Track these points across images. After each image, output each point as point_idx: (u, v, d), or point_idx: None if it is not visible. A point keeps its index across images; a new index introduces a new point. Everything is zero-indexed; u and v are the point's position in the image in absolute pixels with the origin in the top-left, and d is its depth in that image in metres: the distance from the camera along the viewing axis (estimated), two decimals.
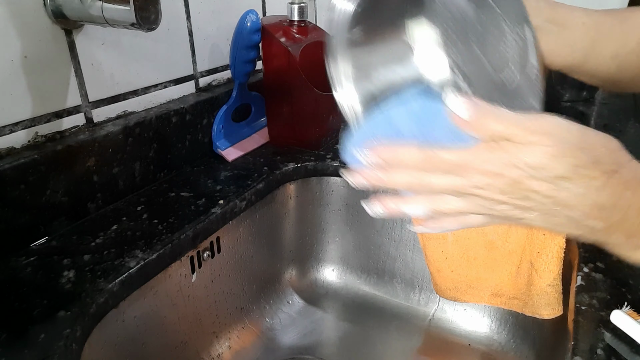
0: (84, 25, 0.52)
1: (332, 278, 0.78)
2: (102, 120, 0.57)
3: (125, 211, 0.56)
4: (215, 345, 0.63)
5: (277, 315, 0.71)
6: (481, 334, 0.68)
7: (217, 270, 0.61)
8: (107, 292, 0.44)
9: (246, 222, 0.65)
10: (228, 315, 0.65)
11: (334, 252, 0.78)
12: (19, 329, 0.39)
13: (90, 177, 0.54)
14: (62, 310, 0.41)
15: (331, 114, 0.74)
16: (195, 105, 0.66)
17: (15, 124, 0.48)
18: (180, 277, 0.55)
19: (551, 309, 0.56)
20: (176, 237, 0.52)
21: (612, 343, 0.39)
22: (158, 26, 0.44)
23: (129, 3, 0.42)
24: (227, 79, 0.75)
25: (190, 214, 0.56)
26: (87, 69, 0.54)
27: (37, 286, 0.44)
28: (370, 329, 0.70)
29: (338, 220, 0.75)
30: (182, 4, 0.64)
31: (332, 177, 0.71)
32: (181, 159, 0.66)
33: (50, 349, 0.37)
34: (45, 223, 0.50)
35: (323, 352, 0.67)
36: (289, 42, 0.67)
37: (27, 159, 0.47)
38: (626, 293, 0.44)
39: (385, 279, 0.75)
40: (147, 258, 0.48)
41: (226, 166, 0.69)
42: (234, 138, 0.73)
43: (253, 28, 0.65)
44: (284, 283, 0.76)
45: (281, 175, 0.68)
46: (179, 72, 0.66)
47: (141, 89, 0.61)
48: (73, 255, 0.48)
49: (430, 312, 0.72)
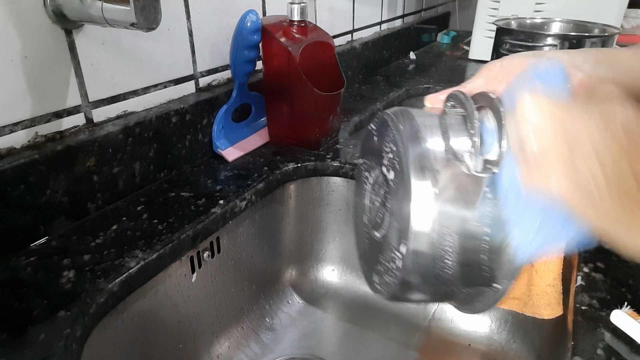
0: (84, 25, 0.52)
1: (332, 278, 0.78)
2: (102, 120, 0.57)
3: (125, 211, 0.56)
4: (215, 345, 0.63)
5: (277, 315, 0.71)
6: (481, 334, 0.68)
7: (217, 270, 0.61)
8: (107, 292, 0.44)
9: (246, 222, 0.65)
10: (228, 315, 0.65)
11: (334, 252, 0.78)
12: (19, 329, 0.39)
13: (90, 177, 0.54)
14: (62, 310, 0.41)
15: (331, 113, 0.74)
16: (195, 105, 0.66)
17: (15, 124, 0.48)
18: (180, 277, 0.55)
19: (551, 309, 0.56)
20: (176, 237, 0.52)
21: (612, 343, 0.39)
22: (158, 26, 0.44)
23: (129, 3, 0.42)
24: (227, 79, 0.75)
25: (190, 214, 0.56)
26: (87, 69, 0.54)
27: (37, 286, 0.44)
28: (370, 329, 0.70)
29: (338, 220, 0.75)
30: (182, 4, 0.64)
31: (332, 177, 0.71)
32: (181, 159, 0.66)
33: (50, 349, 0.37)
34: (45, 223, 0.50)
35: (323, 352, 0.67)
36: (289, 42, 0.67)
37: (27, 159, 0.47)
38: (626, 293, 0.44)
39: None
40: (147, 258, 0.48)
41: (226, 166, 0.69)
42: (234, 138, 0.73)
43: (253, 28, 0.65)
44: (284, 283, 0.76)
45: (281, 175, 0.68)
46: (179, 72, 0.66)
47: (141, 89, 0.61)
48: (73, 255, 0.48)
49: (430, 312, 0.72)
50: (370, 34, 1.20)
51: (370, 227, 0.34)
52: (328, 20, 0.99)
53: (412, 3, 1.45)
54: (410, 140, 0.28)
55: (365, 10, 1.15)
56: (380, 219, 0.32)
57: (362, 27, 1.15)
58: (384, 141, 0.31)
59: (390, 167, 0.30)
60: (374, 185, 0.34)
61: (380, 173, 0.32)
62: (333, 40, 0.75)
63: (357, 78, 1.13)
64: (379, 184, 0.32)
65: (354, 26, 1.11)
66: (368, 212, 0.35)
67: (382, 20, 1.26)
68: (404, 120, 0.30)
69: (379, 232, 0.32)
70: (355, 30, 1.13)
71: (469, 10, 1.69)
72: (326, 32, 0.74)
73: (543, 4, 1.16)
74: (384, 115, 0.31)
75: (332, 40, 0.74)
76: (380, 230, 0.32)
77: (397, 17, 1.36)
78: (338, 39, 1.06)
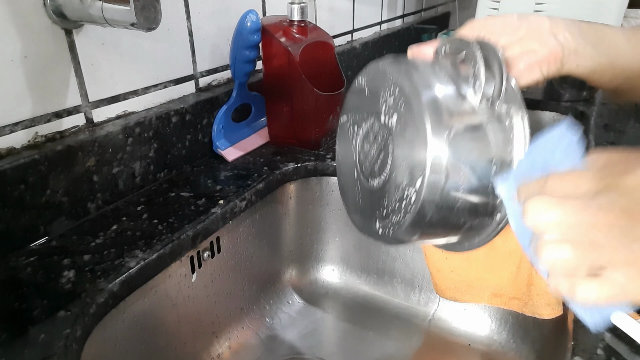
0: (84, 25, 0.52)
1: (332, 278, 0.78)
2: (102, 120, 0.57)
3: (125, 211, 0.56)
4: (215, 345, 0.63)
5: (277, 315, 0.71)
6: (481, 334, 0.68)
7: (217, 270, 0.61)
8: (107, 292, 0.44)
9: (246, 222, 0.65)
10: (228, 315, 0.65)
11: (334, 252, 0.78)
12: (19, 329, 0.39)
13: (90, 177, 0.54)
14: (62, 310, 0.41)
15: (331, 113, 0.74)
16: (195, 105, 0.66)
17: (15, 124, 0.48)
18: (180, 277, 0.55)
19: (551, 309, 0.56)
20: (176, 237, 0.52)
21: (612, 343, 0.39)
22: (158, 26, 0.44)
23: (129, 3, 0.42)
24: (227, 79, 0.75)
25: (190, 214, 0.56)
26: (87, 69, 0.54)
27: (37, 286, 0.44)
28: (370, 329, 0.70)
29: (338, 220, 0.75)
30: (182, 4, 0.64)
31: (332, 177, 0.71)
32: (181, 159, 0.66)
33: (50, 349, 0.37)
34: (45, 223, 0.50)
35: (323, 352, 0.67)
36: (289, 42, 0.67)
37: (27, 159, 0.47)
38: None
39: (385, 278, 0.75)
40: (147, 258, 0.48)
41: (226, 166, 0.69)
42: (234, 138, 0.73)
43: (253, 28, 0.65)
44: (284, 283, 0.76)
45: (281, 175, 0.68)
46: (179, 72, 0.66)
47: (141, 89, 0.61)
48: (73, 255, 0.48)
49: (430, 312, 0.72)
50: (370, 34, 1.20)
51: (366, 178, 0.35)
52: (328, 20, 0.99)
53: (412, 3, 1.45)
54: (421, 83, 0.30)
55: (365, 10, 1.15)
56: (380, 166, 0.33)
57: (362, 27, 1.15)
58: (381, 88, 0.32)
59: (393, 111, 0.31)
60: (366, 136, 0.35)
61: (376, 121, 0.33)
62: (333, 40, 0.75)
63: None
64: (374, 133, 0.34)
65: (354, 26, 1.11)
66: (360, 164, 0.36)
67: (382, 20, 1.26)
68: (404, 63, 0.32)
69: (378, 178, 0.33)
70: (355, 30, 1.12)
71: (469, 10, 1.69)
72: (326, 32, 0.74)
73: (543, 4, 1.16)
74: (379, 64, 0.33)
75: (332, 40, 0.74)
76: (380, 177, 0.33)
77: (397, 17, 1.36)
78: (338, 39, 1.06)
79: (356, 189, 0.37)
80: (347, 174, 0.39)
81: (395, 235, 0.32)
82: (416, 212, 0.29)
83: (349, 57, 1.06)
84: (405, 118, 0.30)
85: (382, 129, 0.32)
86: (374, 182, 0.34)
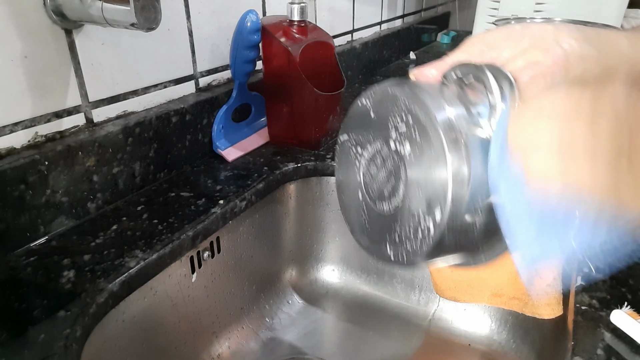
0: (84, 25, 0.52)
1: (332, 278, 0.78)
2: (102, 120, 0.57)
3: (125, 211, 0.56)
4: (215, 345, 0.63)
5: (277, 315, 0.71)
6: (481, 334, 0.68)
7: (217, 270, 0.61)
8: (107, 292, 0.44)
9: (246, 222, 0.65)
10: (228, 315, 0.65)
11: (334, 252, 0.78)
12: (19, 329, 0.39)
13: (90, 177, 0.54)
14: (62, 310, 0.41)
15: (331, 113, 0.74)
16: (195, 105, 0.66)
17: (15, 124, 0.48)
18: (180, 277, 0.55)
19: (551, 309, 0.56)
20: (176, 237, 0.52)
21: (612, 343, 0.39)
22: (158, 26, 0.44)
23: (129, 3, 0.42)
24: (227, 79, 0.75)
25: (190, 214, 0.56)
26: (87, 69, 0.54)
27: (37, 286, 0.44)
28: (370, 329, 0.70)
29: (338, 220, 0.75)
30: (182, 4, 0.64)
31: (332, 177, 0.71)
32: (181, 159, 0.66)
33: (50, 349, 0.37)
34: (45, 223, 0.50)
35: (323, 352, 0.67)
36: (289, 42, 0.67)
37: (27, 159, 0.47)
38: (626, 293, 0.44)
39: (385, 279, 0.75)
40: (147, 258, 0.48)
41: (226, 166, 0.69)
42: (234, 138, 0.73)
43: (253, 28, 0.65)
44: (284, 283, 0.76)
45: (281, 175, 0.68)
46: (179, 72, 0.66)
47: (141, 89, 0.61)
48: (73, 255, 0.48)
49: (430, 312, 0.72)
50: (370, 34, 1.20)
51: (372, 201, 0.35)
52: (328, 20, 0.99)
53: (412, 3, 1.45)
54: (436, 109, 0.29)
55: (365, 10, 1.15)
56: (391, 191, 0.32)
57: (362, 27, 1.16)
58: (390, 113, 0.32)
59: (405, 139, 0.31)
60: (373, 159, 0.34)
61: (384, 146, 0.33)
62: (333, 40, 0.75)
63: (357, 78, 1.13)
64: (382, 157, 0.33)
65: (354, 26, 1.11)
66: (365, 186, 0.35)
67: (382, 20, 1.26)
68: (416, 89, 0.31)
69: (389, 203, 0.33)
70: (355, 30, 1.13)
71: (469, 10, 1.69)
72: (326, 32, 0.74)
73: (543, 4, 1.16)
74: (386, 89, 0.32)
75: (332, 40, 0.74)
76: (391, 202, 0.33)
77: (397, 17, 1.36)
78: (338, 39, 1.06)
79: (361, 210, 0.36)
80: (350, 195, 0.38)
81: (409, 262, 0.32)
82: (436, 242, 0.29)
83: (349, 57, 1.06)
84: (422, 149, 0.30)
85: (392, 155, 0.32)
86: (383, 206, 0.33)
